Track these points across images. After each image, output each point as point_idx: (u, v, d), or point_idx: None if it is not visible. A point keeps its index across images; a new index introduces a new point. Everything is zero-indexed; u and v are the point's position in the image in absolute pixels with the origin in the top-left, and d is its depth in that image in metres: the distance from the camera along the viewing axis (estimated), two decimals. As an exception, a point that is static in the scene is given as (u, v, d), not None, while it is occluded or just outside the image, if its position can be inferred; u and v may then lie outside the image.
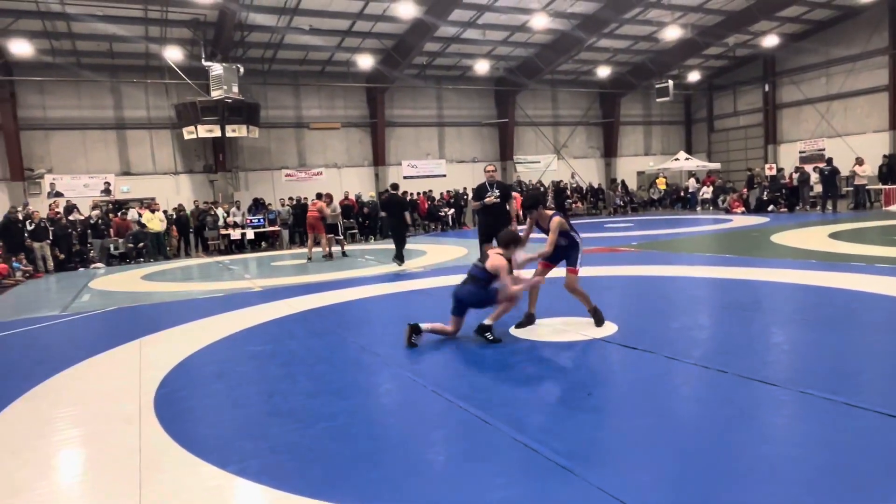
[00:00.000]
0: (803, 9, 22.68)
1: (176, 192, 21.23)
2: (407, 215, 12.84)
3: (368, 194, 21.74)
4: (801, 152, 26.09)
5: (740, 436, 3.18)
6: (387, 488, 2.84)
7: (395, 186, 12.36)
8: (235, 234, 18.71)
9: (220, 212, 19.39)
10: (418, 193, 22.30)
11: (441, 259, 12.45)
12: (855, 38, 23.85)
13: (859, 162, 18.79)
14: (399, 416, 3.92)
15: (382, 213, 12.35)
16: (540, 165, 27.95)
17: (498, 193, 8.39)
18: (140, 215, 17.49)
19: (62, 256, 15.43)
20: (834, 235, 12.04)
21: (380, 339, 6.06)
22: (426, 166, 25.57)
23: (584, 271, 9.38)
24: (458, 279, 9.46)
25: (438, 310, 7.52)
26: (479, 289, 5.61)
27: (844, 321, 5.46)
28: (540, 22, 20.07)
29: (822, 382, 3.82)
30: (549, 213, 5.90)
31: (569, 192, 25.28)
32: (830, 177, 18.51)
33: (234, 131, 19.88)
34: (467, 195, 23.63)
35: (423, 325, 5.56)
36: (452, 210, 22.56)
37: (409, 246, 15.83)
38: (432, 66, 24.35)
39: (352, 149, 24.43)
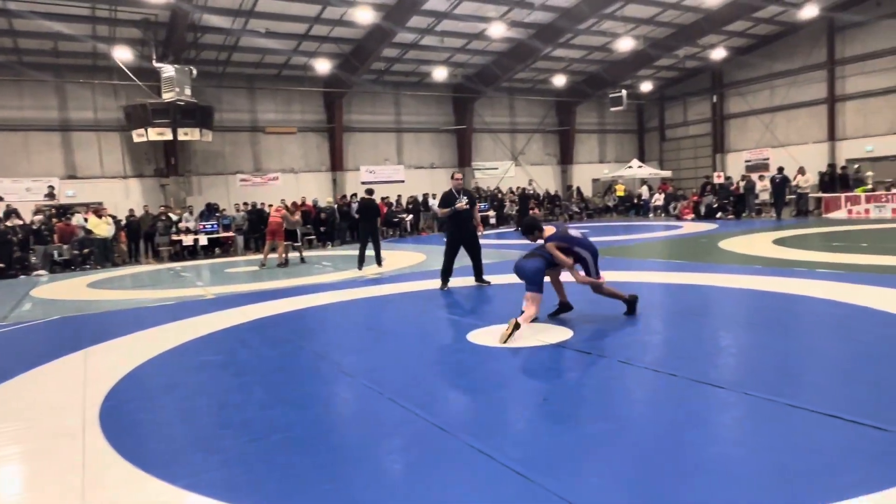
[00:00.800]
0: (748, 24, 23.62)
1: (125, 196, 20.56)
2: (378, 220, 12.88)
3: (326, 200, 21.52)
4: (746, 161, 27.10)
5: (690, 437, 3.27)
6: (342, 499, 2.81)
7: (370, 192, 12.26)
8: (188, 240, 18.23)
9: (172, 217, 18.87)
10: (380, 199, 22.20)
11: (399, 265, 12.42)
12: (796, 52, 24.96)
13: (801, 171, 19.74)
14: (356, 425, 3.88)
15: (356, 216, 12.57)
16: (498, 172, 28.22)
17: (467, 200, 8.58)
18: (86, 220, 16.84)
19: (1, 265, 14.73)
20: (778, 242, 12.53)
21: (337, 347, 6.00)
22: (384, 172, 25.49)
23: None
24: (417, 285, 9.52)
25: (397, 315, 7.51)
26: (546, 264, 5.88)
27: (787, 325, 5.69)
28: (497, 30, 20.31)
29: (765, 384, 3.96)
30: (546, 235, 6.09)
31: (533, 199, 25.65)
32: (781, 185, 19.40)
33: (187, 134, 19.38)
34: (428, 201, 23.72)
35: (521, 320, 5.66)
36: (411, 216, 22.55)
37: (371, 252, 15.76)
38: (391, 71, 24.33)
39: (309, 154, 24.15)
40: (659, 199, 25.06)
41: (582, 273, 6.09)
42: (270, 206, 19.84)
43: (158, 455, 3.44)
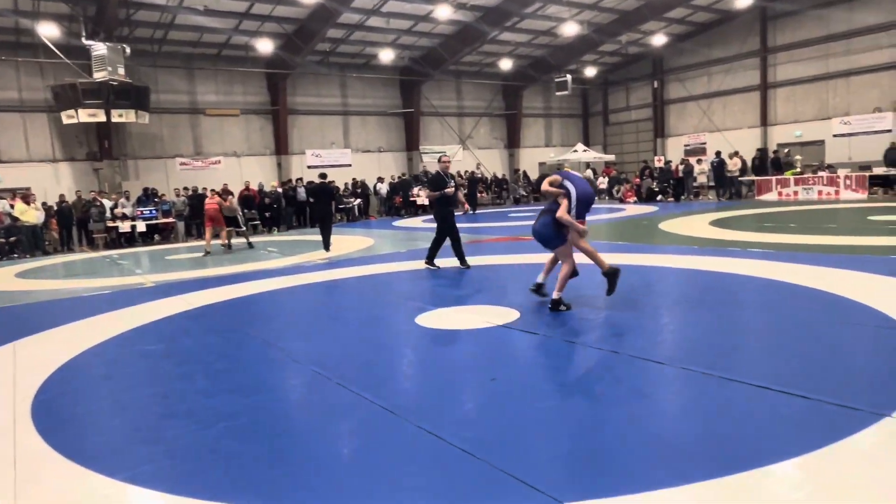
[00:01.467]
0: (687, 11, 24.26)
1: (55, 181, 19.50)
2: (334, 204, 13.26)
3: (270, 184, 21.02)
4: (685, 145, 27.99)
5: (631, 411, 3.40)
6: (292, 485, 2.80)
7: (323, 175, 12.36)
8: (124, 227, 17.51)
9: (106, 203, 18.06)
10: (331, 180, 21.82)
11: (347, 250, 12.30)
12: (732, 40, 25.83)
13: (730, 156, 20.67)
14: (304, 411, 3.85)
15: (310, 200, 12.68)
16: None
17: (454, 183, 8.69)
18: (12, 207, 15.92)
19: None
20: (714, 223, 13.05)
21: (284, 333, 5.92)
22: (331, 156, 25.07)
23: (488, 259, 9.64)
24: (365, 270, 9.47)
25: (345, 301, 7.46)
26: (552, 220, 5.83)
27: (722, 302, 5.95)
28: (443, 13, 20.17)
29: (701, 359, 4.15)
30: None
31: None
32: (719, 168, 20.26)
33: (121, 116, 18.49)
34: (377, 186, 23.52)
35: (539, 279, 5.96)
36: (359, 200, 22.32)
37: (314, 237, 15.55)
38: (336, 53, 23.87)
39: (252, 137, 23.50)
40: (603, 182, 25.64)
41: (564, 204, 5.80)
42: (213, 190, 19.31)
43: (97, 448, 3.33)
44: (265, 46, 20.63)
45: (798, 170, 19.99)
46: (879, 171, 17.76)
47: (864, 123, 22.25)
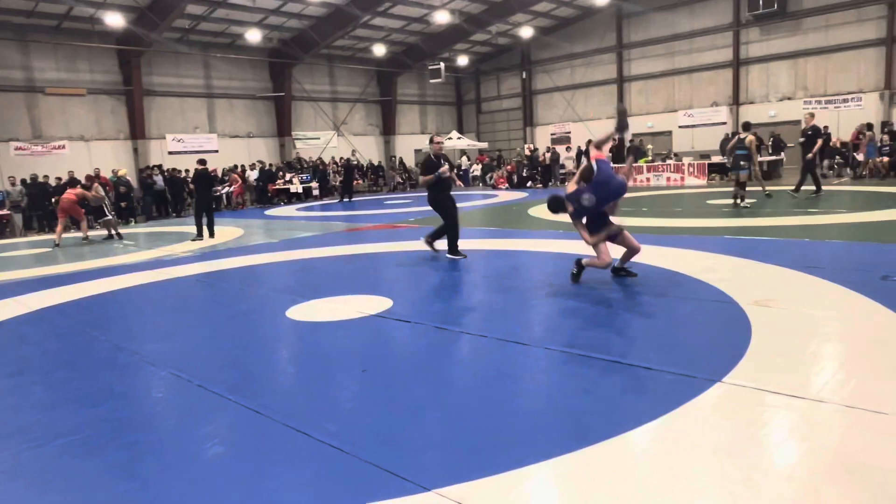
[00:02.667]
0: (552, 5, 25.40)
1: None
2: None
3: (120, 172, 19.07)
4: (552, 134, 29.44)
5: (495, 393, 3.51)
6: (146, 499, 2.59)
7: (202, 162, 12.22)
8: (-54, 221, 15.31)
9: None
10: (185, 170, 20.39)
11: (214, 241, 11.62)
12: (592, 35, 27.44)
13: (567, 149, 22.33)
14: (160, 418, 3.58)
15: (191, 186, 13.07)
16: (320, 142, 27.51)
17: (448, 166, 8.21)
18: None
19: None
20: (578, 208, 13.84)
21: (138, 335, 5.48)
22: (195, 141, 23.49)
23: (364, 248, 9.55)
24: (232, 262, 8.99)
25: (210, 296, 7.03)
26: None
27: (582, 284, 6.31)
28: (313, -6, 19.53)
29: (561, 338, 4.39)
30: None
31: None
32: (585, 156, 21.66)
33: (-64, 93, 16.07)
34: (246, 172, 22.39)
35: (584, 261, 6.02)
36: (228, 188, 21.13)
37: (179, 228, 14.54)
38: (197, 30, 22.30)
39: (103, 119, 21.39)
40: (476, 169, 26.31)
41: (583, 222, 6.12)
42: (59, 179, 17.39)
43: None
44: (114, 20, 18.79)
45: (649, 158, 21.75)
46: (717, 159, 19.77)
47: (704, 116, 24.67)
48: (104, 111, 21.39)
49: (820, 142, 12.85)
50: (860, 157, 17.67)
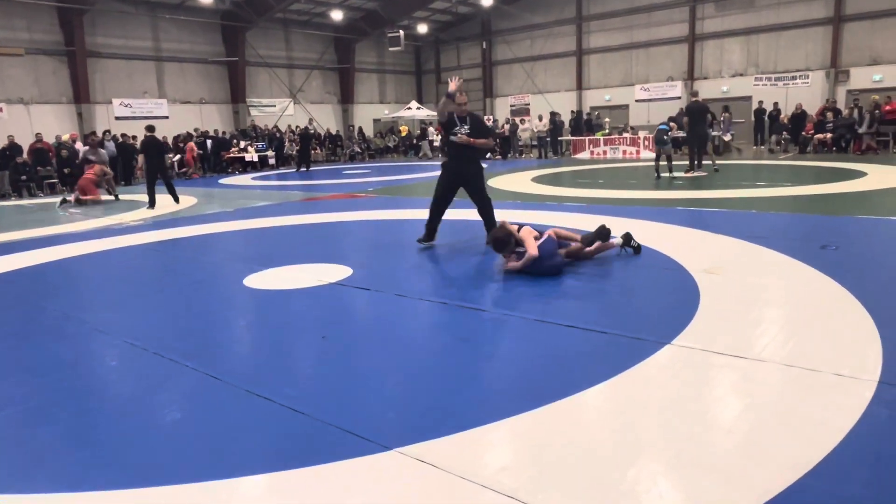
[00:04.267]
0: (512, -26, 25.19)
1: None
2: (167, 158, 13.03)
3: (65, 137, 18.16)
4: (511, 105, 29.46)
5: (456, 356, 3.58)
6: (101, 465, 2.56)
7: (151, 128, 11.97)
8: None
9: None
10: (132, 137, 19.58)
11: (166, 210, 11.30)
12: (552, 7, 27.37)
13: (539, 118, 22.46)
14: (114, 386, 3.52)
15: (140, 156, 12.61)
16: (276, 110, 26.83)
17: (468, 129, 6.44)
18: None
19: None
20: (535, 179, 14.00)
21: (89, 303, 5.33)
22: (144, 106, 22.58)
23: (322, 217, 9.45)
24: (187, 231, 8.77)
25: (165, 264, 6.87)
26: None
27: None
28: (267, -46, 18.82)
29: (518, 304, 4.48)
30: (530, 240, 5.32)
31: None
32: (553, 129, 21.92)
33: None
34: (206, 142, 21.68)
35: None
36: (178, 156, 20.48)
37: (129, 197, 14.07)
38: (143, -11, 21.29)
39: (43, 81, 20.31)
40: (436, 140, 26.14)
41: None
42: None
43: None
44: (53, -25, 17.74)
45: (606, 131, 22.03)
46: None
47: (659, 90, 25.06)
48: (45, 72, 20.32)
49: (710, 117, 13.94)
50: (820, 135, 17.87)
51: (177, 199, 11.97)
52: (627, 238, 5.92)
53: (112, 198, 13.90)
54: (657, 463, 2.38)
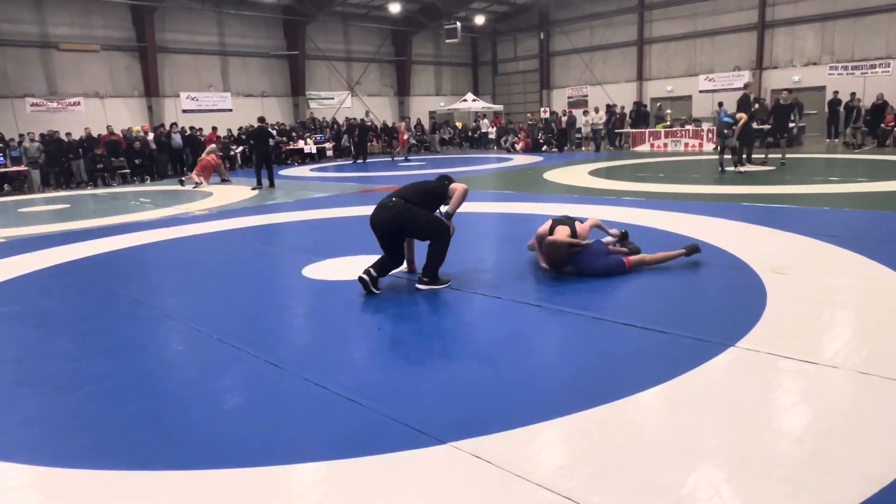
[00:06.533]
0: (572, -37, 24.68)
1: None
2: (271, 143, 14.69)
3: (135, 129, 19.01)
4: (569, 97, 28.94)
5: (513, 352, 3.56)
6: (168, 444, 2.68)
7: (262, 119, 14.37)
8: (-35, 176, 15.48)
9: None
10: (198, 129, 20.32)
11: (228, 200, 11.69)
12: (613, -5, 26.70)
13: (595, 110, 21.94)
14: (182, 369, 3.68)
15: (251, 142, 14.98)
16: (334, 102, 27.28)
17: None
18: None
19: None
20: (593, 173, 13.73)
21: (158, 289, 5.58)
22: (209, 99, 23.39)
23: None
24: (248, 221, 9.05)
25: (227, 254, 7.11)
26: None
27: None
28: (328, -52, 19.09)
29: (576, 301, 4.41)
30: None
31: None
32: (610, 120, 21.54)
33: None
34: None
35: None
36: (241, 148, 21.10)
37: (188, 189, 14.63)
38: (210, -14, 22.00)
39: (117, 76, 21.34)
40: (492, 132, 26.04)
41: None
42: (68, 134, 17.41)
43: (-63, 422, 3.00)
44: (127, -26, 18.56)
45: (668, 123, 21.37)
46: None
47: (725, 80, 24.07)
48: (118, 67, 21.32)
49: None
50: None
51: (272, 184, 13.50)
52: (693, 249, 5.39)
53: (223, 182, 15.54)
54: (719, 469, 2.30)
